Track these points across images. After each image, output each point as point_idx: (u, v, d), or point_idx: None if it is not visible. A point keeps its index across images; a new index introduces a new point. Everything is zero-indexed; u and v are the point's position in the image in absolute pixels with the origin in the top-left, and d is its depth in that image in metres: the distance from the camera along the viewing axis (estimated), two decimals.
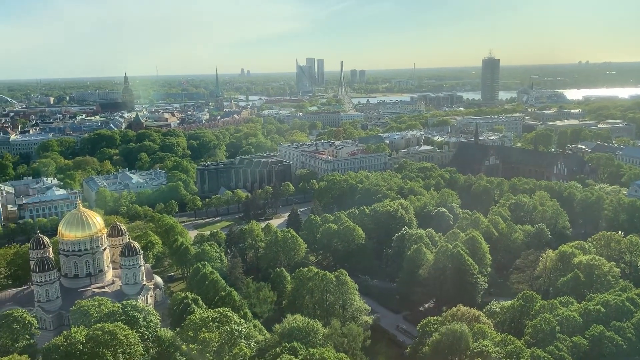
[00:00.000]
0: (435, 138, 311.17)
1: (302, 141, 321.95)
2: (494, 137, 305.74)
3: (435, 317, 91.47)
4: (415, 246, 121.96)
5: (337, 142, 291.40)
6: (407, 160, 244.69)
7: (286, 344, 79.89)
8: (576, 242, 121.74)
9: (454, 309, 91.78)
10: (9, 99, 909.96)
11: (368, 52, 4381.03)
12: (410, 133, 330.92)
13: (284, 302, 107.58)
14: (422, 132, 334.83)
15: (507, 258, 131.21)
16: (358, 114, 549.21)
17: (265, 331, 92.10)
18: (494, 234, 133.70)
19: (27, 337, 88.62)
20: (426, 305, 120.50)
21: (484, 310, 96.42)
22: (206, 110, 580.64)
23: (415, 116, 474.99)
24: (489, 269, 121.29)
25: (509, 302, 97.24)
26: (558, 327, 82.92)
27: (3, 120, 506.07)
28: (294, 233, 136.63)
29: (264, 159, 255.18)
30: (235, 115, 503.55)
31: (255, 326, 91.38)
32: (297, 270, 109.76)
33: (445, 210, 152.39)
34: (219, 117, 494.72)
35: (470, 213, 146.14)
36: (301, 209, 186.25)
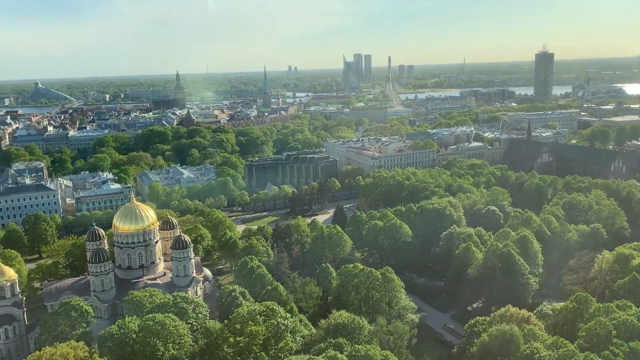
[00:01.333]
0: (486, 134, 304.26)
1: (349, 137, 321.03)
2: (547, 134, 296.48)
3: (483, 317, 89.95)
4: (464, 245, 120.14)
5: (383, 139, 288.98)
6: (456, 157, 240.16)
7: (331, 339, 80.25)
8: (635, 243, 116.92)
9: (503, 309, 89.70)
10: (68, 97, 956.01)
11: (416, 47, 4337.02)
12: (460, 129, 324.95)
13: (329, 297, 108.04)
14: (472, 129, 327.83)
15: (560, 259, 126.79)
16: (406, 109, 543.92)
17: (311, 326, 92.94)
18: (547, 234, 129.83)
19: (84, 325, 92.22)
20: (474, 305, 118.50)
21: (534, 311, 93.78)
22: (254, 107, 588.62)
23: (465, 112, 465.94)
24: (540, 270, 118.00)
25: (562, 304, 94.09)
26: (614, 332, 79.77)
27: (62, 117, 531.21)
28: (339, 229, 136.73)
29: (310, 155, 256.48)
30: (282, 112, 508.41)
31: (301, 321, 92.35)
32: (343, 266, 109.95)
33: (496, 209, 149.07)
34: (266, 114, 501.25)
35: (521, 212, 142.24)
36: (347, 205, 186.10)
